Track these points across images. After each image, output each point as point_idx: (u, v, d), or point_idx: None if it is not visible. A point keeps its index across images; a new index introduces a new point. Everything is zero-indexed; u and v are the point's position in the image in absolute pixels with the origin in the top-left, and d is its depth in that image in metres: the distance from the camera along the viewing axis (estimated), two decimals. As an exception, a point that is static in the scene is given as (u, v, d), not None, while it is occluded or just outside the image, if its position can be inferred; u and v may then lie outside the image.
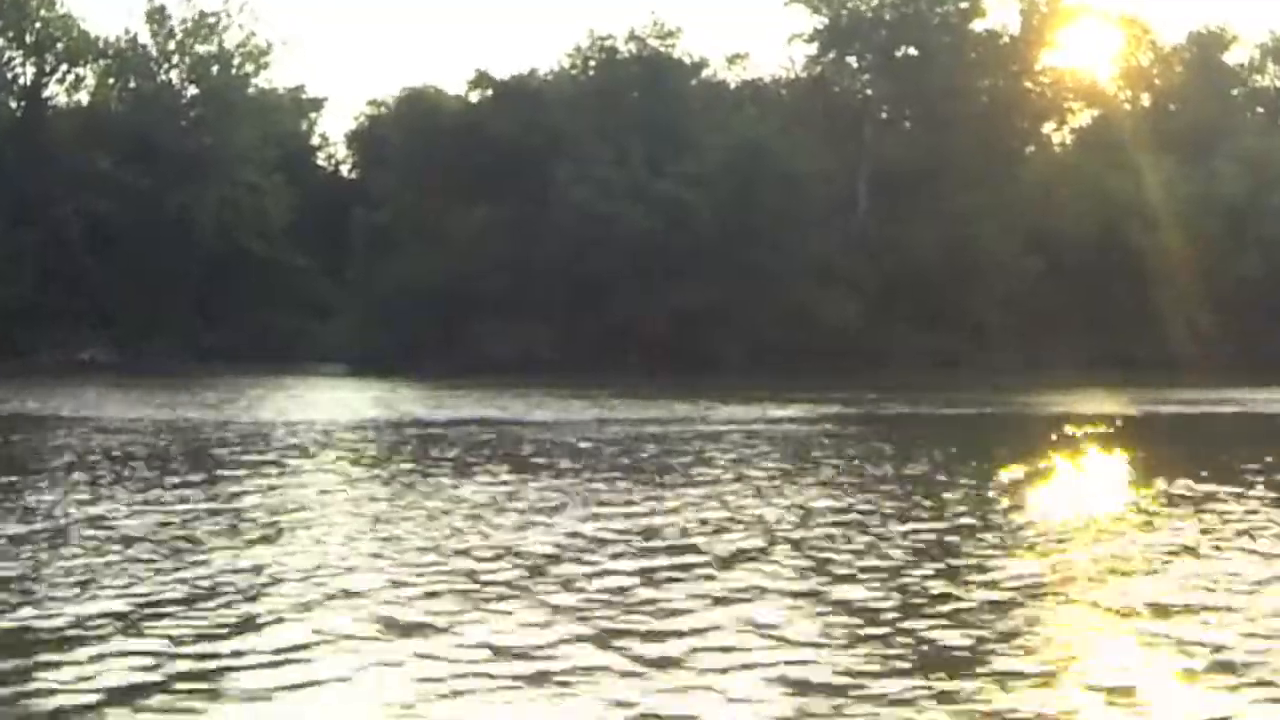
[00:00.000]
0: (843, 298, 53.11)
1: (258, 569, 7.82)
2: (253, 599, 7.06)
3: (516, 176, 53.86)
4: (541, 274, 52.35)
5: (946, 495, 10.83)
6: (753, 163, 53.40)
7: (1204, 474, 13.48)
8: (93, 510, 10.21)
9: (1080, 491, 12.60)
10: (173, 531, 9.34)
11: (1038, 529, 9.58)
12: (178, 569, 7.78)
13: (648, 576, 7.48)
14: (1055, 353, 51.82)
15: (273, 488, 11.87)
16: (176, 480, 12.64)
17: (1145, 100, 64.91)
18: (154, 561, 8.09)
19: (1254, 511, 10.67)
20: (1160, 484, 12.81)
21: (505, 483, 12.01)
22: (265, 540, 9.03)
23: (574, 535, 8.28)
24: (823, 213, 55.20)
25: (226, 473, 13.21)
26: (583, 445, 16.67)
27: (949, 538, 8.75)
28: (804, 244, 53.80)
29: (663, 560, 7.95)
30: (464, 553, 8.21)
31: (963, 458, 14.96)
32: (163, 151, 57.86)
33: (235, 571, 7.73)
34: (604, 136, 55.17)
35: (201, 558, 8.28)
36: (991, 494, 11.49)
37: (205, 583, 7.46)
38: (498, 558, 8.18)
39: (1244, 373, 43.19)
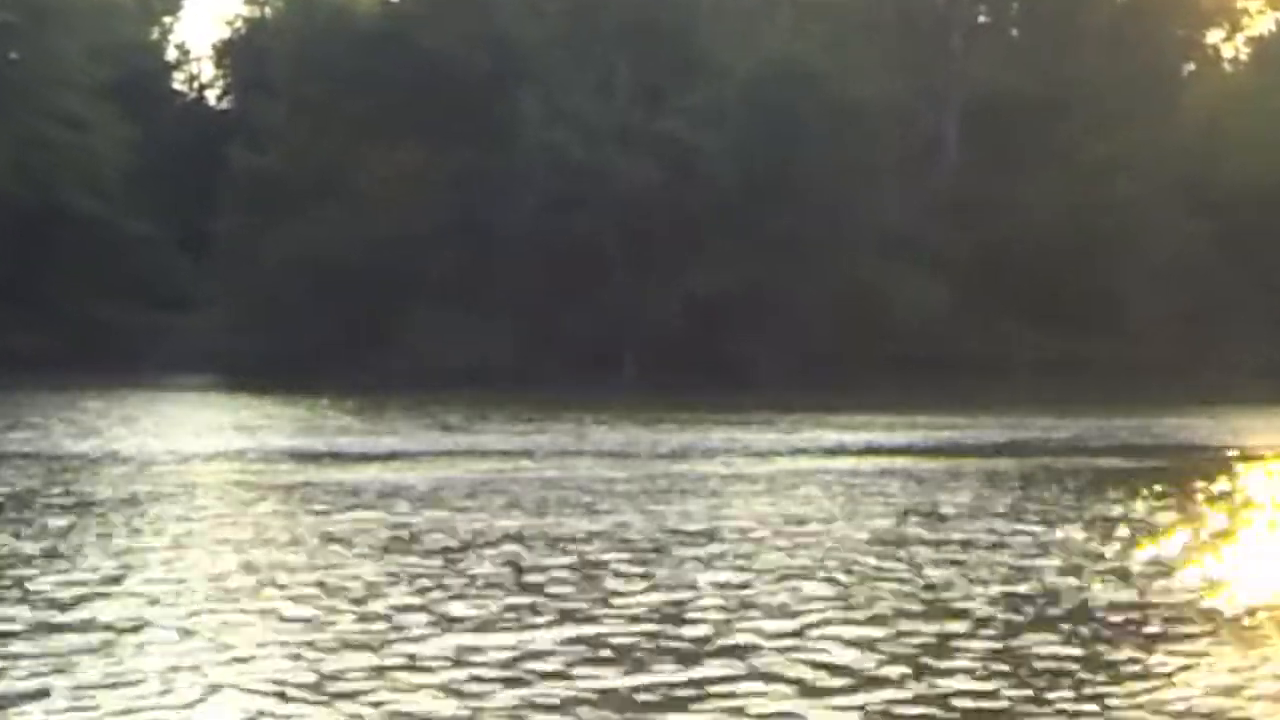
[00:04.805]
0: (924, 279, 52.53)
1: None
2: None
3: (460, 110, 53.94)
4: (501, 248, 52.38)
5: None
6: (793, 91, 52.68)
7: None
8: None
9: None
10: None
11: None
12: None
13: None
14: (1228, 353, 52.11)
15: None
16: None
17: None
18: None
19: None
20: None
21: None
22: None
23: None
24: (895, 161, 54.38)
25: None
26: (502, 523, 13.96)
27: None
28: (868, 204, 53.03)
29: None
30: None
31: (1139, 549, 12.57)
32: (-54, 70, 58.59)
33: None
34: (582, 54, 54.94)
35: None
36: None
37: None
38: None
39: None
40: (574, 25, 56.40)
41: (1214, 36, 63.45)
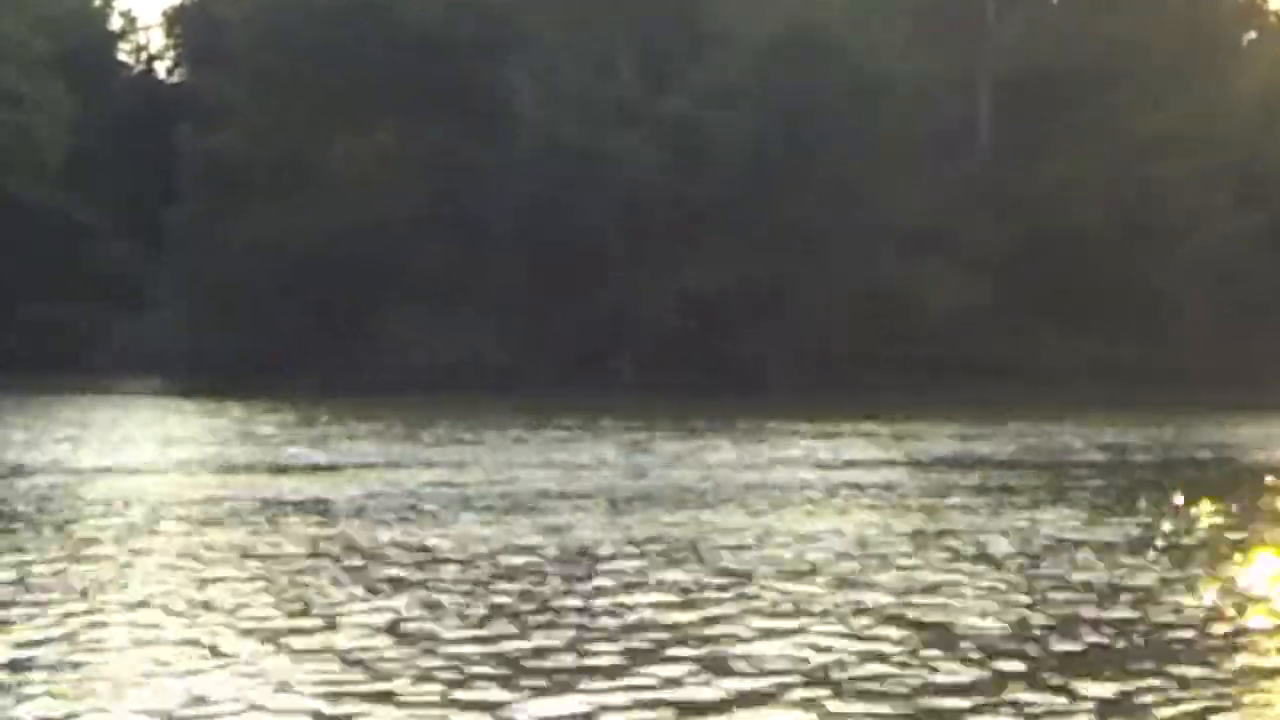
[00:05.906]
0: (952, 275, 52.44)
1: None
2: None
3: (443, 87, 54.26)
4: (489, 238, 52.58)
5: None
6: (810, 65, 52.61)
7: None
8: None
9: None
10: None
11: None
12: None
13: None
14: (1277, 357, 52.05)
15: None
16: None
17: None
18: None
19: None
20: None
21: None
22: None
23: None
24: (922, 143, 53.92)
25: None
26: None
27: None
28: (892, 192, 52.72)
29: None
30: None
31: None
32: None
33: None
34: (579, 26, 55.32)
35: None
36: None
37: None
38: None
39: None
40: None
41: (1276, 2, 65.31)
